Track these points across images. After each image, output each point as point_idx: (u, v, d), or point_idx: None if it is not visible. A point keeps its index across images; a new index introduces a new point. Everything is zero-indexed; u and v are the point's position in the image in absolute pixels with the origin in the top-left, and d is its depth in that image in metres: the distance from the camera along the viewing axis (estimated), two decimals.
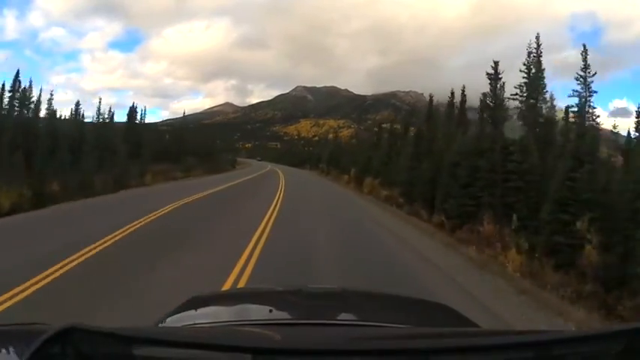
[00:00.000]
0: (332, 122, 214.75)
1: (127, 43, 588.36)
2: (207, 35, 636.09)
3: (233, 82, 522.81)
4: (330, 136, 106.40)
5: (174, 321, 1.70)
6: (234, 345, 0.94)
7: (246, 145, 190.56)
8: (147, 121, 46.52)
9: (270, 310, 1.73)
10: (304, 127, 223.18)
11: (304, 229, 11.52)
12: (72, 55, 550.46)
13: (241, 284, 6.17)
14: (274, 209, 14.91)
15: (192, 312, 1.87)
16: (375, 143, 36.36)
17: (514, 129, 17.81)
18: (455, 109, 23.62)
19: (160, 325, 1.63)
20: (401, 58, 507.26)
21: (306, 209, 16.36)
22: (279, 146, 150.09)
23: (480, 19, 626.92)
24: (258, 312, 1.83)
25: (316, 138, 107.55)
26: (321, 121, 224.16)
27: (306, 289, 2.27)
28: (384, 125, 40.57)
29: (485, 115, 17.70)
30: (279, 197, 19.61)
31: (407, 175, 21.18)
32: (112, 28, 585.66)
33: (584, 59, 15.21)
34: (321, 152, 60.94)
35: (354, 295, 2.34)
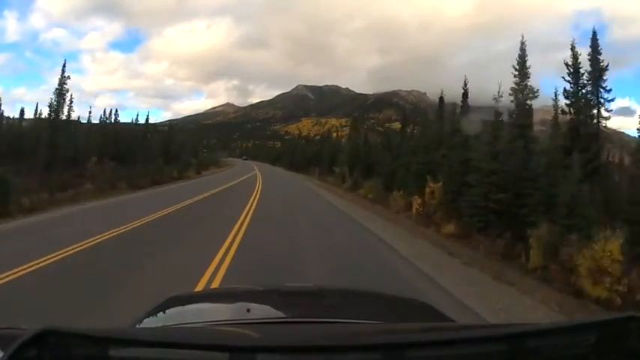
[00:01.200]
0: (334, 121, 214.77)
1: (128, 43, 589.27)
2: (208, 35, 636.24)
3: (234, 82, 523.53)
4: (335, 134, 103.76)
5: (152, 321, 1.72)
6: (211, 344, 0.96)
7: (245, 145, 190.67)
8: (149, 121, 45.81)
9: (248, 310, 1.75)
10: (305, 126, 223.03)
11: None
12: (72, 56, 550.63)
13: None
14: None
15: (169, 312, 1.89)
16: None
17: (471, 124, 20.59)
18: (458, 107, 24.09)
19: (136, 325, 1.65)
20: (403, 57, 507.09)
21: None
22: (278, 145, 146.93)
23: (483, 17, 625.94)
24: (236, 311, 1.86)
25: (318, 137, 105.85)
26: (323, 120, 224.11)
27: (284, 287, 2.31)
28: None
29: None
30: None
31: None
32: (113, 28, 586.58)
33: (593, 57, 15.25)
34: (334, 152, 46.44)
35: (330, 293, 2.39)
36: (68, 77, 26.86)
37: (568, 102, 15.44)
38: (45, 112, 28.37)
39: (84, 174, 23.44)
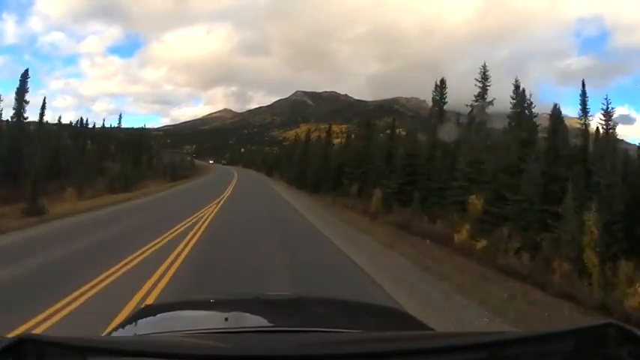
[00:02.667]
0: (335, 127, 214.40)
1: (127, 47, 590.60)
2: (207, 41, 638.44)
3: (233, 88, 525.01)
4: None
5: (127, 331, 1.72)
6: (189, 353, 0.97)
7: (240, 149, 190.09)
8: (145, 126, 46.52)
9: (226, 319, 1.75)
10: (304, 132, 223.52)
11: None
12: (71, 60, 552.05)
13: None
14: None
15: (145, 321, 1.89)
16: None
17: (450, 132, 22.75)
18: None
19: (112, 334, 1.64)
20: (403, 64, 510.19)
21: None
22: (276, 150, 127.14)
23: (485, 24, 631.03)
24: (214, 320, 1.85)
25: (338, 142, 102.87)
26: (323, 126, 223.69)
27: (262, 296, 2.33)
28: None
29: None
30: None
31: None
32: (111, 33, 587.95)
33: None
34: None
35: (309, 302, 2.40)
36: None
37: None
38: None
39: None
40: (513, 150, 15.92)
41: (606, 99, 17.96)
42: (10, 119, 29.14)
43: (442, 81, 23.70)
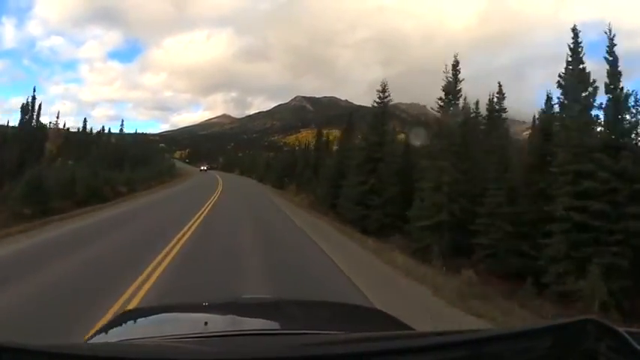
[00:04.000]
0: (337, 132, 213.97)
1: (127, 53, 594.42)
2: (208, 46, 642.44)
3: (233, 94, 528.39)
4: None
5: (107, 336, 1.72)
6: (167, 358, 0.97)
7: (238, 154, 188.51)
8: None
9: (206, 323, 1.74)
10: (305, 137, 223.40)
11: None
12: (70, 65, 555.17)
13: None
14: None
15: (124, 327, 1.89)
16: None
17: (419, 135, 24.39)
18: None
19: (91, 340, 1.64)
20: (404, 70, 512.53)
21: None
22: (272, 155, 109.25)
23: (486, 30, 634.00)
24: (193, 325, 1.84)
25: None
26: (324, 131, 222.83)
27: (241, 300, 2.36)
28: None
29: None
30: None
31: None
32: (111, 38, 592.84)
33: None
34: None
35: (289, 305, 2.43)
36: None
37: None
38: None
39: None
40: None
41: None
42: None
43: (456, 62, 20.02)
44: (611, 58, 13.81)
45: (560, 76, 15.45)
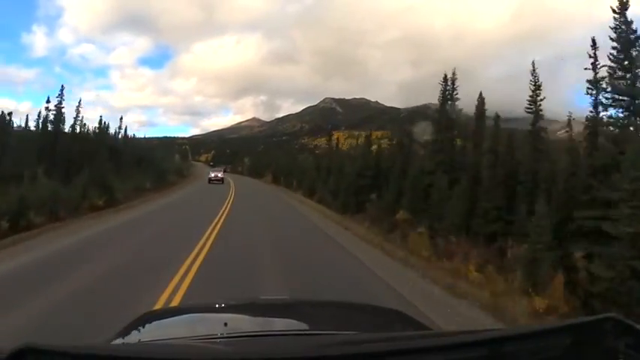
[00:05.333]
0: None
1: (157, 59, 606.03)
2: (237, 51, 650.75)
3: (262, 98, 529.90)
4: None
5: (128, 338, 1.76)
6: (190, 358, 1.00)
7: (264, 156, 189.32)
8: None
9: (225, 324, 1.77)
10: (338, 139, 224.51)
11: None
12: (101, 72, 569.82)
13: None
14: None
15: (144, 329, 1.93)
16: None
17: (424, 130, 24.76)
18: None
19: (112, 342, 1.69)
20: (435, 69, 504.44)
21: None
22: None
23: (518, 27, 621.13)
24: (213, 326, 1.88)
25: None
26: (356, 133, 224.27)
27: (260, 301, 2.40)
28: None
29: None
30: None
31: None
32: (141, 44, 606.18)
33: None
34: None
35: (306, 305, 2.48)
36: None
37: None
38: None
39: None
40: None
41: None
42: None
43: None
44: None
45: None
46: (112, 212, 19.31)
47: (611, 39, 13.65)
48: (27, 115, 30.84)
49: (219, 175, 47.05)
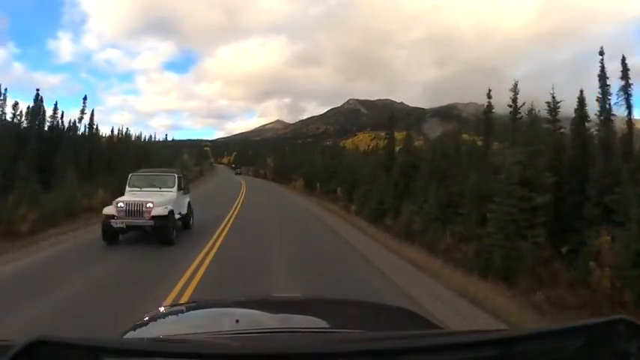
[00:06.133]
0: (395, 134, 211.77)
1: (181, 63, 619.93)
2: (261, 54, 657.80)
3: (286, 100, 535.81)
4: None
5: (140, 333, 1.78)
6: (205, 353, 1.01)
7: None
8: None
9: (237, 321, 1.79)
10: (363, 140, 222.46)
11: None
12: (127, 77, 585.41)
13: None
14: None
15: (157, 324, 1.98)
16: None
17: (432, 128, 20.92)
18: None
19: (125, 336, 1.72)
20: (460, 69, 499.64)
21: None
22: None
23: (545, 25, 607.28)
24: (225, 322, 1.89)
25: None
26: (382, 134, 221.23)
27: (271, 298, 2.42)
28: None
29: None
30: None
31: None
32: (166, 49, 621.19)
33: None
34: None
35: (318, 303, 2.49)
36: None
37: None
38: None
39: None
40: None
41: None
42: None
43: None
44: None
45: None
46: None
47: None
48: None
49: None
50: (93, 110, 33.17)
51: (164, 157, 45.05)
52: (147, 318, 2.02)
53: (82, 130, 29.60)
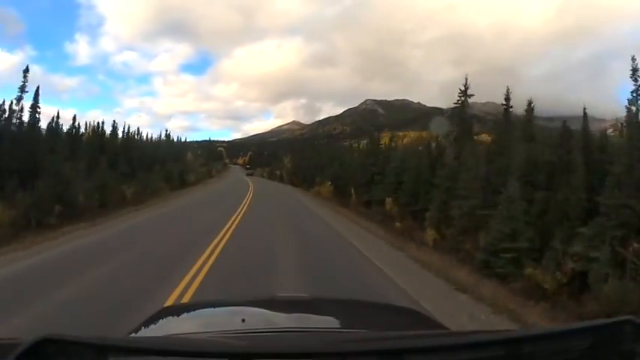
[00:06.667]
0: (412, 134, 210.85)
1: (198, 65, 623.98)
2: (277, 55, 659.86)
3: (302, 101, 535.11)
4: None
5: (147, 331, 1.80)
6: (212, 351, 1.02)
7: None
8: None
9: (243, 320, 1.80)
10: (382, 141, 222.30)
11: None
12: (144, 79, 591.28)
13: None
14: None
15: (163, 322, 1.99)
16: None
17: (441, 124, 22.64)
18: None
19: (132, 334, 1.73)
20: (477, 68, 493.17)
21: None
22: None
23: (563, 23, 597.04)
24: (231, 322, 1.90)
25: None
26: (401, 133, 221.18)
27: (277, 297, 2.43)
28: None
29: None
30: None
31: None
32: (182, 51, 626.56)
33: None
34: None
35: (324, 303, 2.50)
36: None
37: None
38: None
39: None
40: None
41: None
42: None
43: None
44: None
45: None
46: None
47: None
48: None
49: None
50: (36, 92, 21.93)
51: (158, 157, 38.28)
52: (153, 317, 2.04)
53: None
